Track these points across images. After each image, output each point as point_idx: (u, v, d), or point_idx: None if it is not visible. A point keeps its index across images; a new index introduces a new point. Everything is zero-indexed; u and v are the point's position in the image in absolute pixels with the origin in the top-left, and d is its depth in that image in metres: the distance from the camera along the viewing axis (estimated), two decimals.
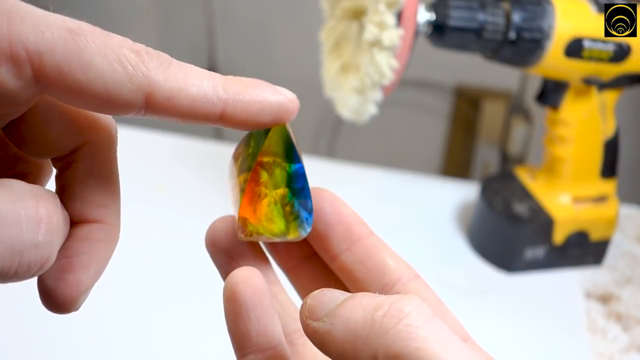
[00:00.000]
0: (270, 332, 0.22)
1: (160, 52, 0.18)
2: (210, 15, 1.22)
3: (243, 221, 0.22)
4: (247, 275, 0.21)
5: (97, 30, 0.16)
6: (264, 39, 1.23)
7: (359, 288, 0.23)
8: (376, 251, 0.24)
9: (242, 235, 0.22)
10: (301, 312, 0.19)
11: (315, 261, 0.25)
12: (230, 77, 0.19)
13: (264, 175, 0.21)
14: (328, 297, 0.19)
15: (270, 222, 0.22)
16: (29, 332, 0.45)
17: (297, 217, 0.22)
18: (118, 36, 0.17)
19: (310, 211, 0.22)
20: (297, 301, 0.25)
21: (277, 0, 1.17)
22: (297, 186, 0.22)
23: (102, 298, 0.50)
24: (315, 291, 0.20)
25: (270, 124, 0.20)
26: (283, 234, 0.22)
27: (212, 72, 0.19)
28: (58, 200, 0.17)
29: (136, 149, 0.71)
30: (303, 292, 0.26)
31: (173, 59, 0.18)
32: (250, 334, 0.21)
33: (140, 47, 0.17)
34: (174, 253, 0.55)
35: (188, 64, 0.18)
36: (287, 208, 0.22)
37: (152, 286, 0.51)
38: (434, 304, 0.23)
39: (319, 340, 0.19)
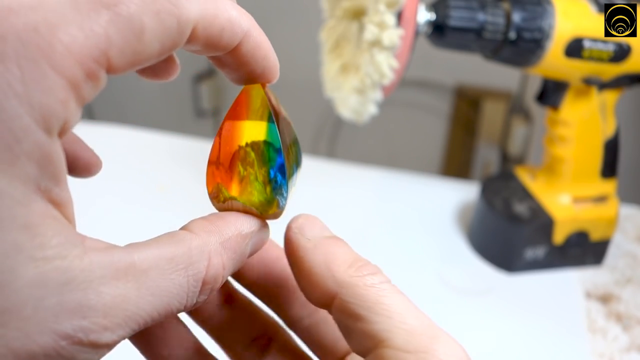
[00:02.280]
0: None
1: None
2: None
3: (217, 187, 0.21)
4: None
5: None
6: None
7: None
8: None
9: (215, 202, 0.22)
10: (291, 221, 0.22)
11: None
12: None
13: (251, 154, 0.21)
14: (319, 226, 0.22)
15: (250, 195, 0.21)
16: None
17: (277, 194, 0.21)
18: None
19: (286, 188, 0.22)
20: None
21: (277, 0, 1.17)
22: (278, 161, 0.21)
23: None
24: (310, 215, 0.22)
25: (260, 76, 0.21)
26: (262, 206, 0.21)
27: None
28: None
29: (136, 149, 0.71)
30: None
31: None
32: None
33: None
34: None
35: None
36: (269, 187, 0.21)
37: None
38: None
39: (294, 248, 0.21)
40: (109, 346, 0.16)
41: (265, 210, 0.21)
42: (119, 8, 0.15)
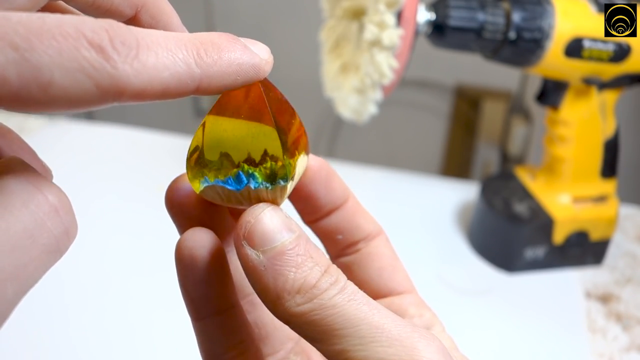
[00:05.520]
0: (228, 294, 0.21)
1: (125, 32, 0.15)
2: (210, 15, 1.22)
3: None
4: (204, 238, 0.21)
5: (44, 29, 0.14)
6: (264, 39, 1.22)
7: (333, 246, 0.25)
8: (353, 215, 0.26)
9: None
10: (239, 224, 0.18)
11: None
12: (201, 39, 0.17)
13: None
14: (271, 229, 0.18)
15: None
16: (30, 331, 0.45)
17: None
18: (70, 27, 0.14)
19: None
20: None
21: (277, 0, 1.17)
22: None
23: (102, 297, 0.50)
24: (261, 212, 0.19)
25: (243, 85, 0.19)
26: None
27: (181, 38, 0.17)
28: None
29: (135, 149, 0.71)
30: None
31: (139, 37, 0.16)
32: (208, 297, 0.21)
33: (101, 35, 0.15)
34: (173, 253, 0.55)
35: (154, 33, 0.16)
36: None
37: (151, 286, 0.51)
38: (388, 259, 0.25)
39: (245, 264, 0.18)
40: None
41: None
42: (29, 54, 0.14)
